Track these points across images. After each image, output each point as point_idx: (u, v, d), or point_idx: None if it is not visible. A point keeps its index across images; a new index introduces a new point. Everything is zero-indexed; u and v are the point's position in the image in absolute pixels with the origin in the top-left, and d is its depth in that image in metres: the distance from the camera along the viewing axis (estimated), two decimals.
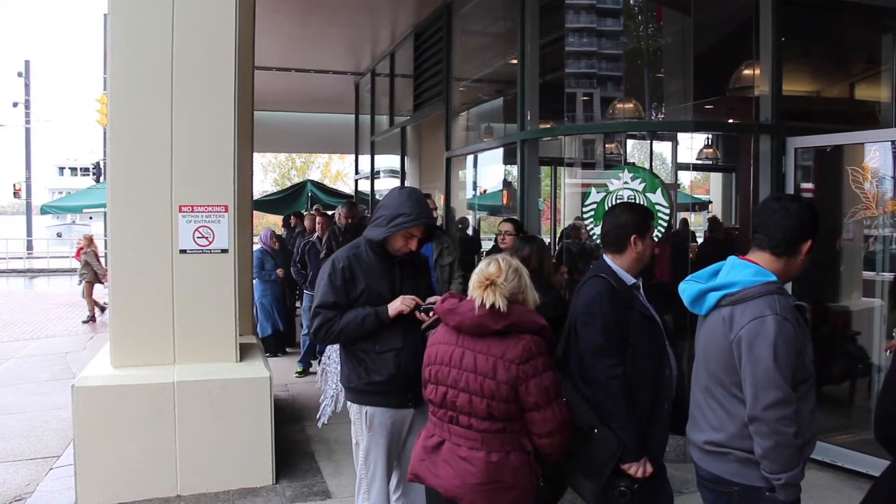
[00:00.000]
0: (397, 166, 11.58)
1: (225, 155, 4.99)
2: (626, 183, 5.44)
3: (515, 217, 6.07)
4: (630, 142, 11.86)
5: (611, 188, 5.49)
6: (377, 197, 13.13)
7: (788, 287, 4.96)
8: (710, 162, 11.59)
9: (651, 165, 9.37)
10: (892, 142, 5.98)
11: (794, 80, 8.47)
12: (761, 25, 5.90)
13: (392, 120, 11.53)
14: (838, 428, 5.78)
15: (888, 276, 6.06)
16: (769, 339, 2.48)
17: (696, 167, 12.90)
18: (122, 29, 4.91)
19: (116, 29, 4.91)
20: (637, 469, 3.09)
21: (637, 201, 5.32)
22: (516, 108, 7.03)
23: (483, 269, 3.00)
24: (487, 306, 2.90)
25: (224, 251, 5.02)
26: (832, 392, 6.44)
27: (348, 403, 3.74)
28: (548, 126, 7.47)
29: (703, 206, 14.21)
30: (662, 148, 12.94)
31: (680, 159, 12.36)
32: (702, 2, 6.61)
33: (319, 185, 18.87)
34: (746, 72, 6.48)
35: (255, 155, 8.81)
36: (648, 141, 12.01)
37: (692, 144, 11.97)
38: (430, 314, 3.46)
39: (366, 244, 3.63)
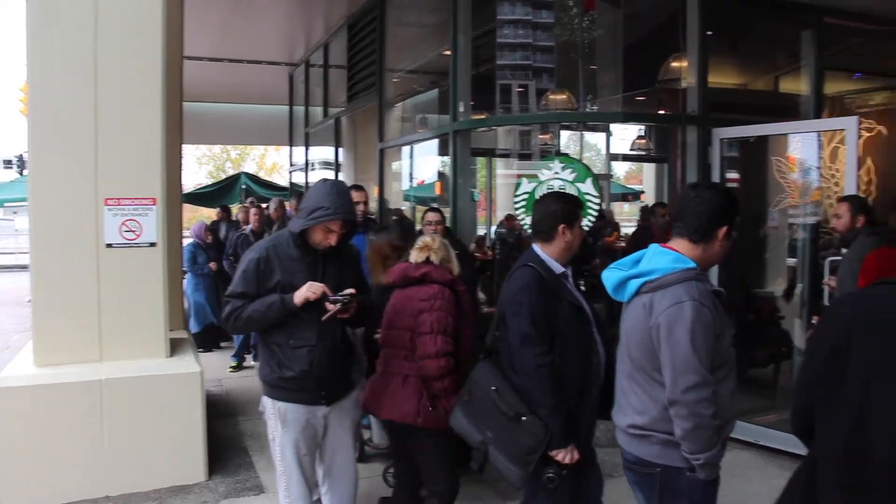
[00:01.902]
0: (332, 158, 11.49)
1: (152, 146, 4.87)
2: (556, 173, 5.49)
3: (438, 207, 6.09)
4: (566, 133, 12.06)
5: (542, 178, 5.54)
6: None
7: (718, 272, 5.16)
8: (644, 152, 11.82)
9: (581, 155, 9.53)
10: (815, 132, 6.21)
11: (721, 72, 8.71)
12: (688, 19, 6.02)
13: (326, 111, 11.44)
14: (763, 409, 5.98)
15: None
16: (687, 324, 2.55)
17: (629, 157, 13.22)
18: (40, 13, 4.70)
19: (34, 13, 4.69)
20: (564, 455, 3.12)
21: (567, 191, 5.38)
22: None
23: (420, 240, 3.97)
24: (422, 262, 3.82)
25: (152, 245, 4.91)
26: (757, 375, 6.64)
27: (263, 398, 3.68)
28: (480, 117, 7.49)
29: (636, 195, 14.55)
30: (598, 139, 13.20)
31: (614, 150, 12.62)
32: None
33: (254, 178, 18.58)
34: (674, 64, 6.63)
35: (189, 147, 8.70)
36: (583, 132, 12.22)
37: (626, 135, 12.26)
38: (338, 305, 3.42)
39: (289, 236, 3.58)
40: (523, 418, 3.10)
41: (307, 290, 3.45)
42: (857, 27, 7.05)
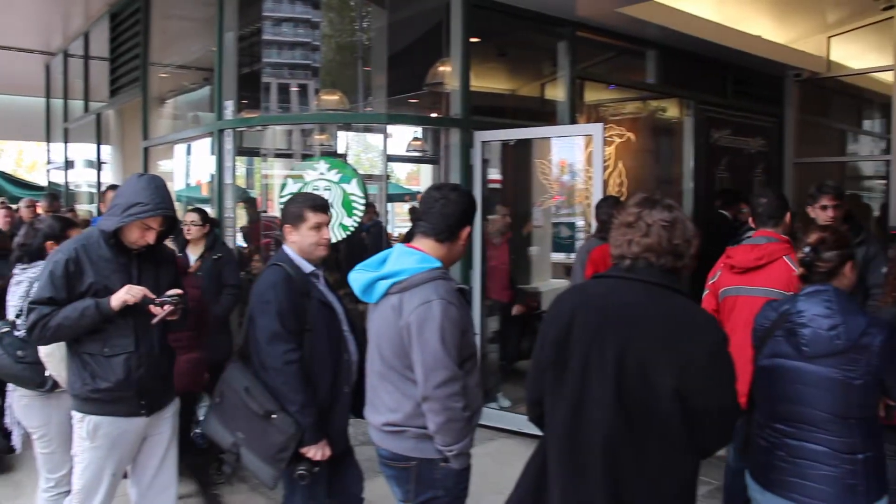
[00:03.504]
0: (96, 156, 10.73)
1: None
2: (322, 174, 5.47)
3: (200, 206, 5.86)
4: (348, 134, 12.03)
5: (307, 179, 5.49)
6: (71, 189, 12.10)
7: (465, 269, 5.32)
8: (419, 154, 12.03)
9: (358, 156, 9.55)
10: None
11: (491, 78, 9.06)
12: (452, 25, 6.20)
13: (87, 106, 10.67)
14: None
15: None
16: (436, 322, 2.64)
17: (404, 159, 13.46)
18: None
19: None
20: (316, 452, 3.16)
21: (333, 192, 5.37)
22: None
23: None
24: None
25: None
26: (524, 366, 6.96)
27: (71, 412, 3.35)
28: (251, 116, 7.30)
29: (413, 196, 14.82)
30: (378, 140, 13.30)
31: (390, 151, 12.74)
32: None
33: (8, 176, 16.95)
34: (441, 68, 6.78)
35: None
36: (363, 133, 12.24)
37: (405, 137, 12.41)
38: (165, 307, 3.19)
39: (99, 235, 3.27)
40: (273, 416, 3.10)
41: (126, 294, 3.19)
42: (608, 42, 7.56)
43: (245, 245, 7.53)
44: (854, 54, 9.70)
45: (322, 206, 3.38)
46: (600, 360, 2.21)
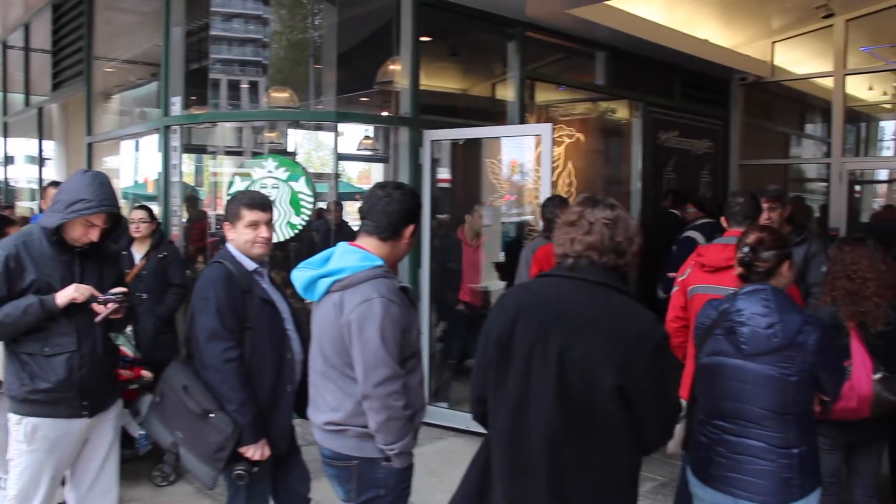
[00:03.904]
0: (38, 151, 10.48)
1: None
2: (270, 172, 5.42)
3: (146, 204, 5.77)
4: (299, 132, 11.94)
5: (255, 177, 5.44)
6: (10, 185, 11.80)
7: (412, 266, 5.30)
8: (371, 152, 12.01)
9: (296, 154, 9.47)
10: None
11: (442, 77, 9.06)
12: (402, 23, 6.20)
13: (28, 99, 10.41)
14: None
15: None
16: (376, 320, 2.62)
17: (355, 157, 13.43)
18: None
19: None
20: (254, 452, 3.13)
21: (281, 190, 5.33)
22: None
23: None
24: None
25: None
26: (472, 365, 6.97)
27: (8, 415, 3.25)
28: (199, 112, 7.20)
29: (363, 194, 14.78)
30: (329, 138, 13.24)
31: (342, 150, 12.68)
32: None
33: None
34: (391, 67, 6.77)
35: None
36: (314, 131, 12.16)
37: (355, 136, 12.37)
38: (109, 305, 3.14)
39: (41, 232, 3.19)
40: (211, 415, 3.07)
41: (74, 291, 3.12)
42: (558, 43, 7.62)
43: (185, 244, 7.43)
44: (797, 60, 9.93)
45: (259, 203, 3.33)
46: (543, 359, 2.21)
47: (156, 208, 6.24)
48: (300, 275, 2.84)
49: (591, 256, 2.24)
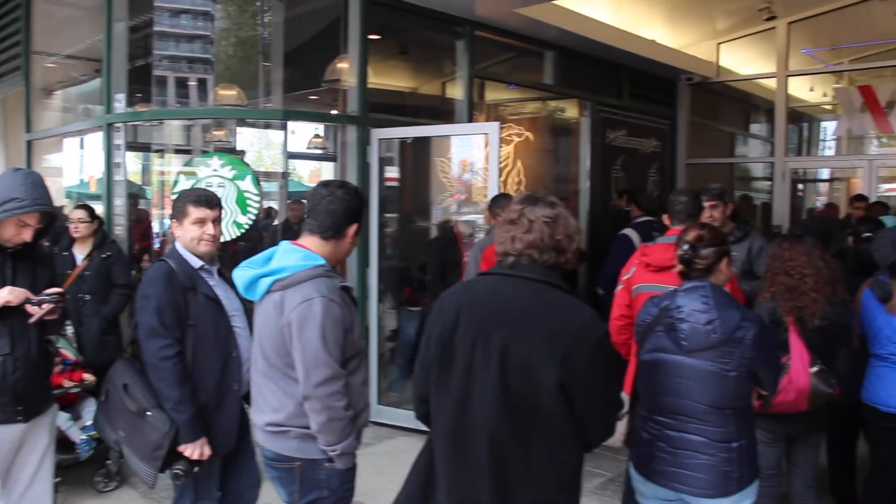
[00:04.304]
0: None
1: None
2: (215, 170, 5.34)
3: (87, 203, 5.64)
4: (249, 130, 11.80)
5: (200, 175, 5.36)
6: None
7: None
8: (321, 151, 11.92)
9: (245, 153, 9.37)
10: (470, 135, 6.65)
11: (392, 76, 9.03)
12: (350, 21, 6.15)
13: None
14: None
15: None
16: (317, 320, 2.61)
17: (305, 156, 13.33)
18: None
19: None
20: (193, 450, 3.10)
21: (227, 189, 5.26)
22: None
23: None
24: None
25: None
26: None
27: None
28: (145, 109, 7.07)
29: None
30: (279, 137, 13.13)
31: (292, 148, 12.57)
32: None
33: None
34: (339, 65, 6.72)
35: None
36: (264, 130, 12.03)
37: (305, 135, 12.26)
38: (44, 306, 3.06)
39: None
40: (148, 413, 3.06)
41: (8, 294, 3.03)
42: (507, 42, 7.65)
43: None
44: (742, 61, 10.14)
45: (206, 200, 3.30)
46: (484, 357, 2.22)
47: (99, 208, 6.12)
48: (241, 274, 2.82)
49: (532, 255, 2.24)
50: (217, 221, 3.31)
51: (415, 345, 6.81)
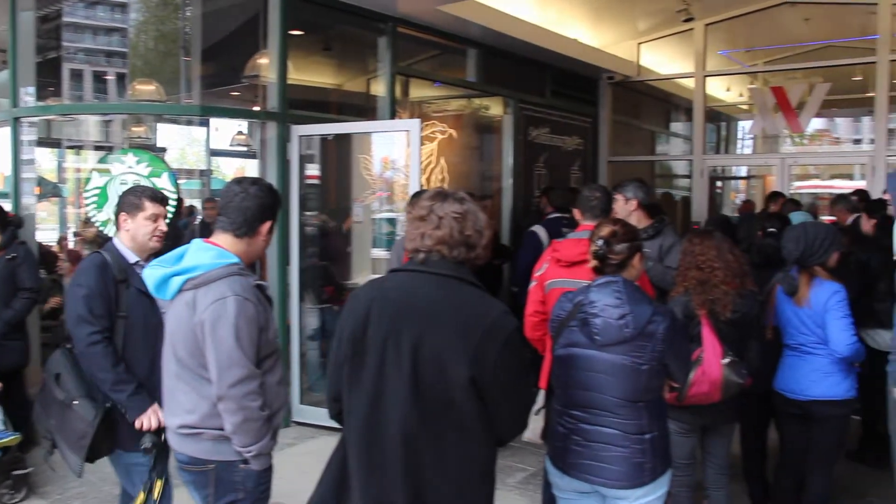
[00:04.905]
0: None
1: None
2: (130, 167, 5.19)
3: None
4: (172, 127, 11.53)
5: (114, 172, 5.20)
6: None
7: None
8: (244, 148, 11.74)
9: (165, 150, 9.17)
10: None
11: (312, 72, 8.93)
12: (270, 16, 6.06)
13: None
14: None
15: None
16: (230, 319, 2.57)
17: (228, 153, 13.13)
18: None
19: None
20: (148, 420, 3.14)
21: (143, 185, 5.12)
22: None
23: None
24: None
25: None
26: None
27: None
28: (56, 104, 6.84)
29: None
30: (202, 134, 12.88)
31: (216, 146, 12.35)
32: None
33: None
34: (259, 61, 6.62)
35: None
36: (187, 127, 11.78)
37: (228, 132, 12.05)
38: None
39: None
40: (75, 402, 3.09)
41: None
42: (430, 40, 7.64)
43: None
44: (661, 61, 10.37)
45: (161, 198, 3.40)
46: (396, 354, 2.21)
47: (7, 206, 5.87)
48: (151, 273, 2.76)
49: (441, 251, 2.24)
50: (165, 218, 3.41)
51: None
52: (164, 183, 5.18)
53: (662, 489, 2.91)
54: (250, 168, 13.47)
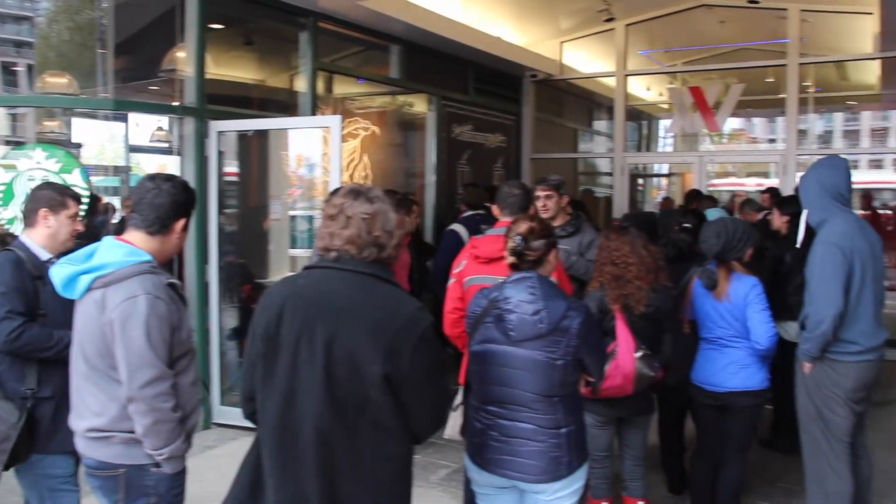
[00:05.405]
0: None
1: None
2: (38, 163, 5.00)
3: None
4: (89, 122, 11.20)
5: (21, 168, 5.01)
6: None
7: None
8: (165, 144, 11.46)
9: (79, 145, 8.92)
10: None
11: (232, 66, 8.78)
12: (187, 8, 5.93)
13: None
14: None
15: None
16: (141, 318, 2.52)
17: (148, 149, 12.79)
18: None
19: None
20: None
21: (53, 181, 4.95)
22: None
23: None
24: None
25: None
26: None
27: None
28: None
29: None
30: (121, 129, 12.55)
31: (135, 141, 12.01)
32: None
33: None
34: (177, 54, 6.47)
35: None
36: (107, 122, 11.43)
37: (148, 127, 11.75)
38: None
39: None
40: None
41: None
42: (352, 36, 7.59)
43: None
44: (583, 60, 10.53)
45: (79, 197, 3.44)
46: (310, 351, 2.19)
47: None
48: (59, 271, 2.67)
49: (350, 251, 2.24)
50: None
51: None
52: (75, 179, 5.01)
53: (580, 482, 2.96)
54: (171, 165, 13.16)
